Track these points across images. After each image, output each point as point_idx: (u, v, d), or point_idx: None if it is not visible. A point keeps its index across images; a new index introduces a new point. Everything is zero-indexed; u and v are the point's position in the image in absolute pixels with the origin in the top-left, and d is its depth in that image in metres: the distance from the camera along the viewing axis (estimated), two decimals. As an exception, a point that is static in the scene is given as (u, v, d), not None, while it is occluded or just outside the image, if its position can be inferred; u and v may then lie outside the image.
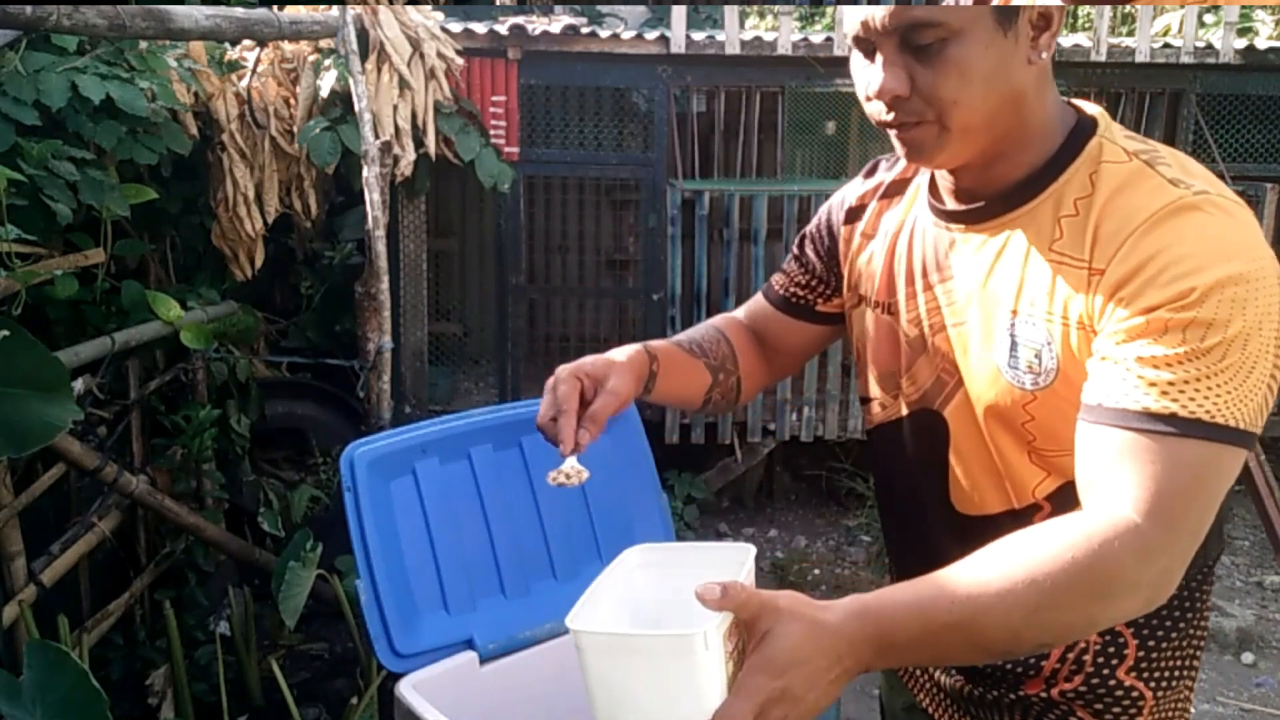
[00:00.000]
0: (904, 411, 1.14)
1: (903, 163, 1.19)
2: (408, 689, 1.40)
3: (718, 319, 1.36)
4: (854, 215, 1.23)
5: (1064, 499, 0.99)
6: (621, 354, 1.13)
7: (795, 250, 1.33)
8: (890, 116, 0.97)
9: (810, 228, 1.31)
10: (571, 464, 1.02)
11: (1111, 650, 1.05)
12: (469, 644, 1.52)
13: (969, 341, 1.04)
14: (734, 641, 0.78)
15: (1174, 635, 1.06)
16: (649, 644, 0.78)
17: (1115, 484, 0.86)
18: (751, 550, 0.88)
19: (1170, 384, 0.85)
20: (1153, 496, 0.83)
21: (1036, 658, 1.07)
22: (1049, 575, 0.81)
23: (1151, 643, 1.05)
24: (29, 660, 1.75)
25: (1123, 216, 0.91)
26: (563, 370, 1.08)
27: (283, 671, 2.58)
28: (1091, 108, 1.03)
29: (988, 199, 1.02)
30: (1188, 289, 0.85)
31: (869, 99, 0.98)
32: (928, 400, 1.10)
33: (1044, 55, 0.94)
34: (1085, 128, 1.00)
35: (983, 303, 1.02)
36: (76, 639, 2.53)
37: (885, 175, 1.22)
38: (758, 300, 1.36)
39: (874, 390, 1.19)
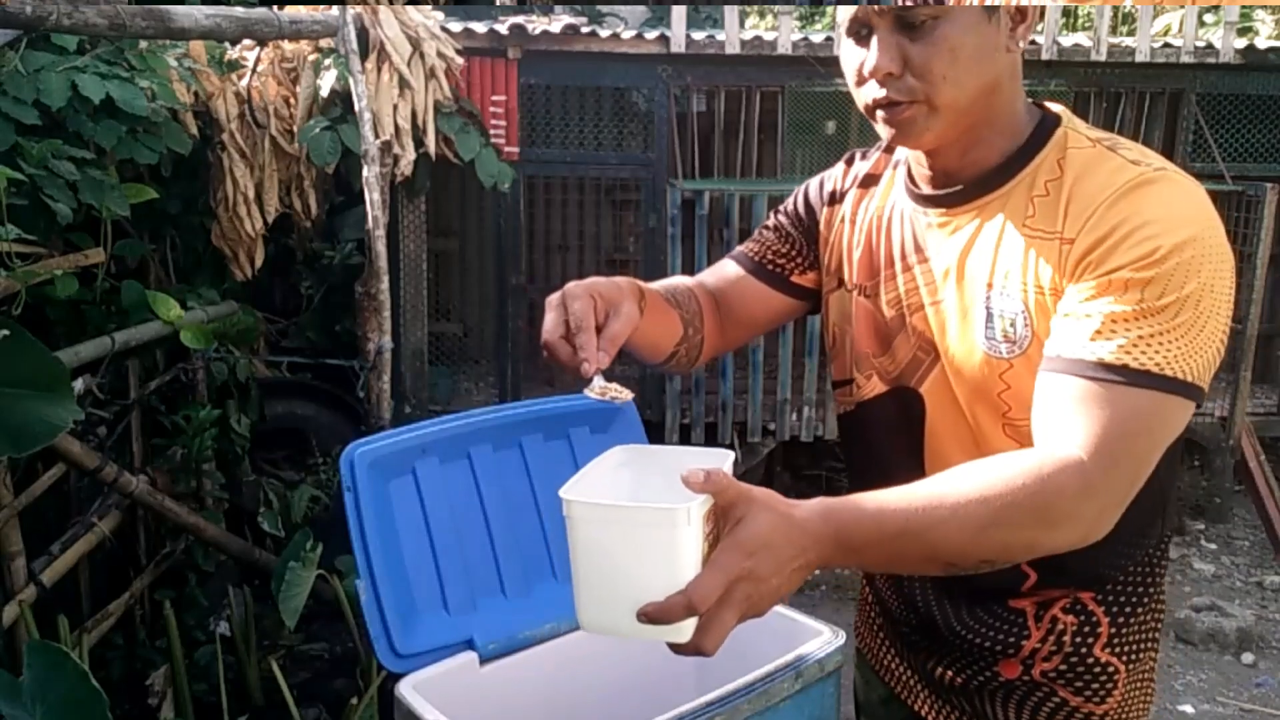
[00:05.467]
0: (880, 389, 1.19)
1: (875, 156, 1.26)
2: (408, 689, 1.40)
3: (683, 278, 1.37)
4: (835, 199, 1.27)
5: None
6: (620, 281, 1.12)
7: (771, 222, 1.35)
8: (883, 94, 1.02)
9: (788, 204, 1.34)
10: (603, 381, 1.01)
11: (1087, 629, 1.13)
12: (469, 644, 1.52)
13: (947, 319, 1.10)
14: (711, 525, 0.84)
15: (1140, 610, 1.14)
16: (635, 516, 0.83)
17: (1066, 426, 0.93)
18: (731, 455, 0.93)
19: (1126, 337, 0.92)
20: (1099, 438, 0.90)
21: (1015, 637, 1.14)
22: (999, 497, 0.88)
23: (1121, 619, 1.13)
24: (29, 660, 1.74)
25: (1091, 191, 0.99)
26: (575, 286, 1.06)
27: (283, 671, 2.58)
28: (1055, 106, 1.11)
29: (964, 184, 1.08)
30: (1152, 249, 0.92)
31: (861, 81, 1.04)
32: (904, 378, 1.16)
33: (1021, 44, 1.03)
34: (1051, 120, 1.08)
35: (960, 281, 1.09)
36: (76, 639, 2.52)
37: (861, 166, 1.27)
38: (724, 266, 1.37)
39: (851, 372, 1.24)
